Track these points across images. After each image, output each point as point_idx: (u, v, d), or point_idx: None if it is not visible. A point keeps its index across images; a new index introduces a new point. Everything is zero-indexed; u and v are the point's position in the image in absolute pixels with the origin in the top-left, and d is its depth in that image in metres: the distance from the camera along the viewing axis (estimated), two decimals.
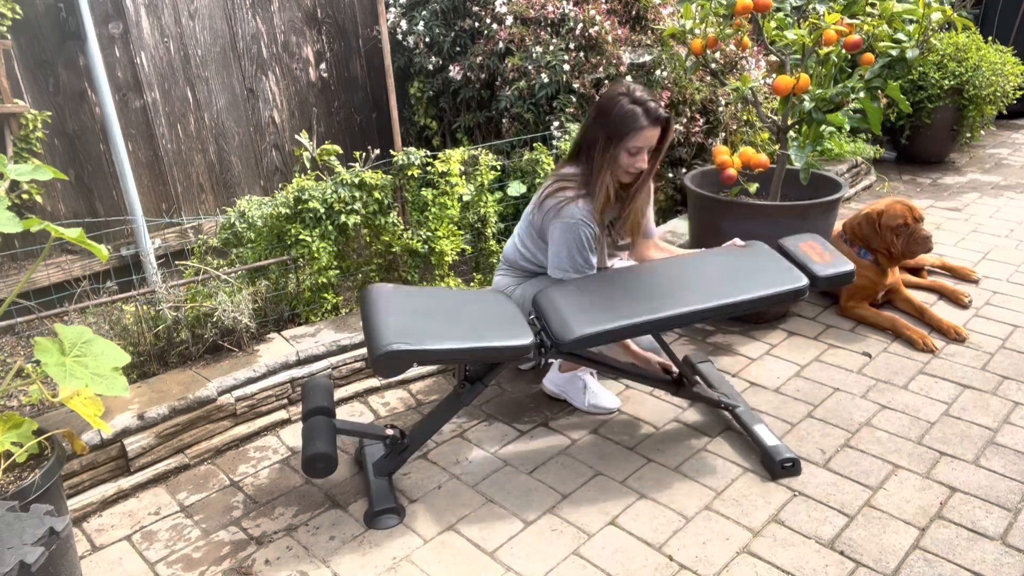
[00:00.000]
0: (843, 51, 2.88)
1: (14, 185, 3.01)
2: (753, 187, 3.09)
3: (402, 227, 3.04)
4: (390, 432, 2.23)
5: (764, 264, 2.31)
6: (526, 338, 2.08)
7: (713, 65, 3.62)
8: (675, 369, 2.45)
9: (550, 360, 2.61)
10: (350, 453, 2.45)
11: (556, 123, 3.53)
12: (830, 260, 2.33)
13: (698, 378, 2.57)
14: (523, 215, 2.58)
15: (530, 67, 3.54)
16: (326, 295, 2.89)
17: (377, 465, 2.25)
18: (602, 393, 2.63)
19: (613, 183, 2.34)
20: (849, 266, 2.30)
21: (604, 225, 2.43)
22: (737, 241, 2.53)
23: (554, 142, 3.48)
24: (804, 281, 2.21)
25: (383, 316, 2.09)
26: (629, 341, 2.46)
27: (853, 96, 2.82)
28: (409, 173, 2.99)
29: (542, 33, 3.59)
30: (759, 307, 2.19)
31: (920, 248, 3.08)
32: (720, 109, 3.91)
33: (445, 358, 2.03)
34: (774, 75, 3.50)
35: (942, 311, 3.25)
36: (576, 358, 2.32)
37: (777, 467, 2.23)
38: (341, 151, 3.03)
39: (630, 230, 2.53)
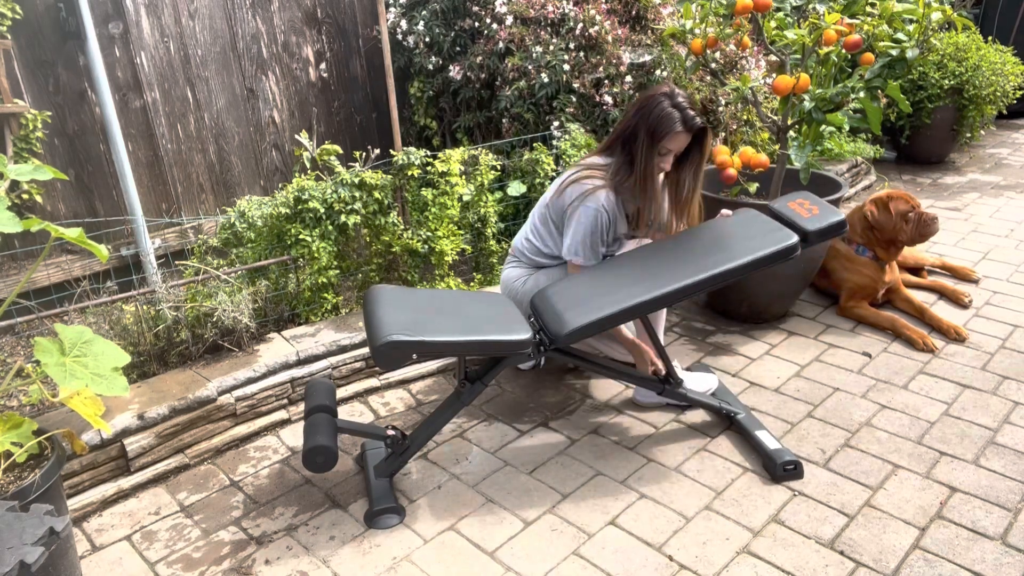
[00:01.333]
0: (843, 51, 2.88)
1: (14, 185, 3.01)
2: (753, 187, 3.09)
3: (402, 227, 3.04)
4: (391, 432, 2.23)
5: (752, 229, 2.30)
6: (524, 333, 2.11)
7: (713, 65, 3.62)
8: (663, 368, 2.45)
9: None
10: (351, 454, 2.46)
11: (556, 123, 3.53)
12: (819, 213, 2.30)
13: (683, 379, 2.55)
14: (537, 206, 2.62)
15: (530, 67, 3.54)
16: (326, 295, 2.89)
17: (378, 467, 2.25)
18: (693, 377, 2.61)
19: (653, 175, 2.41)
20: (839, 216, 2.27)
21: (626, 215, 2.50)
22: (725, 211, 2.54)
23: (554, 142, 3.48)
24: (794, 238, 2.19)
25: (385, 311, 2.13)
26: (622, 327, 2.48)
27: (853, 96, 2.82)
28: (409, 173, 2.99)
29: (542, 33, 3.59)
30: (751, 271, 2.17)
31: (929, 230, 3.11)
32: (720, 109, 3.91)
33: (444, 350, 2.05)
34: (774, 75, 3.49)
35: (942, 311, 3.25)
36: (569, 356, 2.32)
37: (779, 470, 2.22)
38: (341, 151, 3.03)
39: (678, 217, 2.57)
